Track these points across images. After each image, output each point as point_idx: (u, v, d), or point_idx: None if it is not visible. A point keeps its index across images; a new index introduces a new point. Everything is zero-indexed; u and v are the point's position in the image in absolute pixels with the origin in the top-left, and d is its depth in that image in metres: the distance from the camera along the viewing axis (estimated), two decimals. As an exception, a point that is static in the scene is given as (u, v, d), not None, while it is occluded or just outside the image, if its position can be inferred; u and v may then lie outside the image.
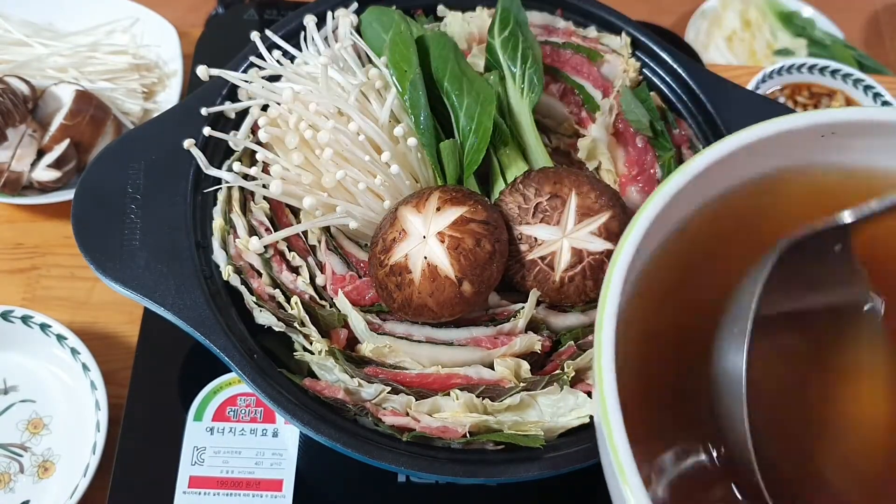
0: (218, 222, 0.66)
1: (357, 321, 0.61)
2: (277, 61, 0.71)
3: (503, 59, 0.71)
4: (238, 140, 0.68)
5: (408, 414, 0.58)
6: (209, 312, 0.61)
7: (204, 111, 0.69)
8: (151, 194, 0.65)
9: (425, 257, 0.58)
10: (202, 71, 0.66)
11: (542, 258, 0.61)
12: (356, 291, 0.64)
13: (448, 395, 0.58)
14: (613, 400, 0.39)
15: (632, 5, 0.95)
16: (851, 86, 1.11)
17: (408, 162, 0.67)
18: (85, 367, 0.75)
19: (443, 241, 0.58)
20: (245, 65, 0.72)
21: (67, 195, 0.86)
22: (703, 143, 0.74)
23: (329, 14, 0.76)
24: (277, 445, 0.73)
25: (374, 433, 0.58)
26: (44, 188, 0.87)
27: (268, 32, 0.73)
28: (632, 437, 0.38)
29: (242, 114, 0.71)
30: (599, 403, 0.40)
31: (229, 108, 0.70)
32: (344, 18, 0.75)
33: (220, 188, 0.68)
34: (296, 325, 0.62)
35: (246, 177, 0.67)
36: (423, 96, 0.66)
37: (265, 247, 0.65)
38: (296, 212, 0.68)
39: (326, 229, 0.67)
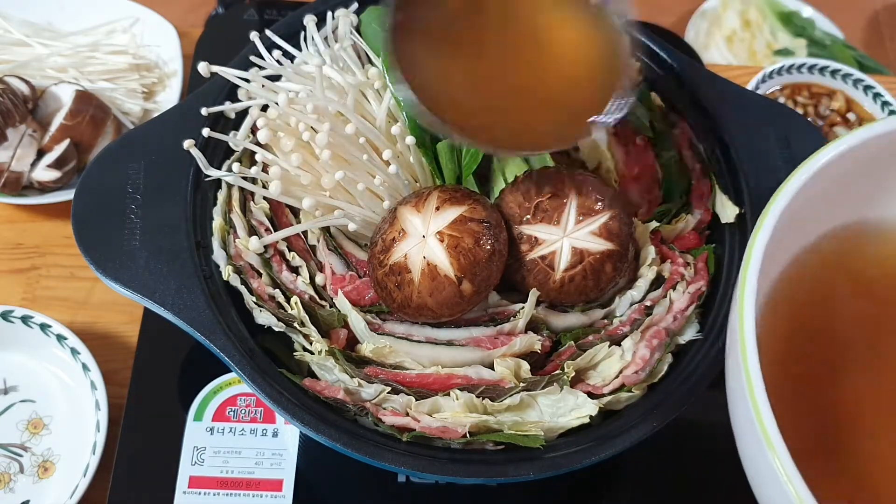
0: (218, 222, 0.66)
1: (357, 321, 0.61)
2: (277, 61, 0.71)
3: None
4: (237, 141, 0.68)
5: (408, 414, 0.58)
6: (209, 312, 0.60)
7: (204, 111, 0.69)
8: (151, 194, 0.65)
9: (424, 257, 0.58)
10: (203, 67, 0.66)
11: (543, 258, 0.61)
12: (356, 291, 0.64)
13: (448, 395, 0.58)
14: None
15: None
16: (851, 86, 1.11)
17: (406, 162, 0.67)
18: (85, 367, 0.75)
19: (442, 241, 0.58)
20: (245, 65, 0.72)
21: (67, 195, 0.86)
22: (703, 143, 0.74)
23: (329, 14, 0.76)
24: (277, 445, 0.73)
25: (374, 433, 0.58)
26: (44, 188, 0.87)
27: (268, 32, 0.73)
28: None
29: (242, 113, 0.71)
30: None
31: (229, 109, 0.70)
32: (344, 18, 0.75)
33: (220, 188, 0.68)
34: (296, 325, 0.62)
35: (246, 177, 0.67)
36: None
37: (265, 247, 0.65)
38: (296, 212, 0.68)
39: (326, 229, 0.67)
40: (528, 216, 0.62)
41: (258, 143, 0.67)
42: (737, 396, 0.42)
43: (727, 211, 0.68)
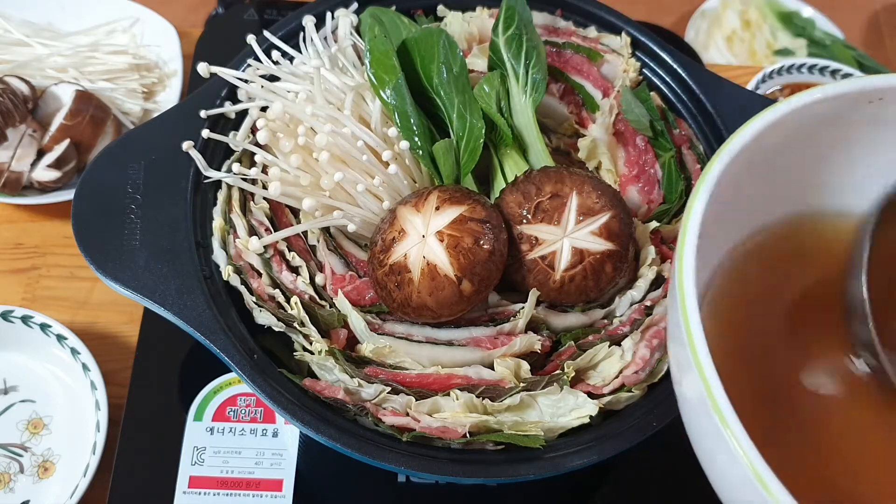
0: (218, 222, 0.66)
1: (357, 321, 0.61)
2: (276, 62, 0.71)
3: (507, 58, 0.70)
4: (237, 142, 0.68)
5: (408, 414, 0.58)
6: (209, 312, 0.60)
7: (203, 113, 0.69)
8: (151, 194, 0.65)
9: (424, 256, 0.58)
10: (203, 68, 0.66)
11: (543, 258, 0.61)
12: (356, 291, 0.64)
13: (448, 395, 0.58)
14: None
15: (632, 5, 0.95)
16: (851, 86, 1.11)
17: (404, 163, 0.67)
18: (85, 367, 0.75)
19: (442, 241, 0.58)
20: (244, 66, 0.72)
21: (67, 195, 0.86)
22: (703, 143, 0.74)
23: (328, 14, 0.76)
24: (277, 445, 0.73)
25: (374, 433, 0.58)
26: (44, 188, 0.87)
27: (266, 33, 0.73)
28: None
29: (242, 113, 0.71)
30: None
31: (229, 110, 0.70)
32: (343, 18, 0.75)
33: (220, 188, 0.68)
34: (296, 325, 0.62)
35: (246, 178, 0.67)
36: (408, 101, 0.66)
37: (265, 247, 0.65)
38: (296, 212, 0.68)
39: (326, 229, 0.67)
40: (529, 216, 0.62)
41: (258, 144, 0.67)
42: (684, 367, 0.42)
43: (727, 211, 0.68)
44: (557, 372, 0.60)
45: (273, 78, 0.70)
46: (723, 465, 0.39)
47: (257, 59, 0.71)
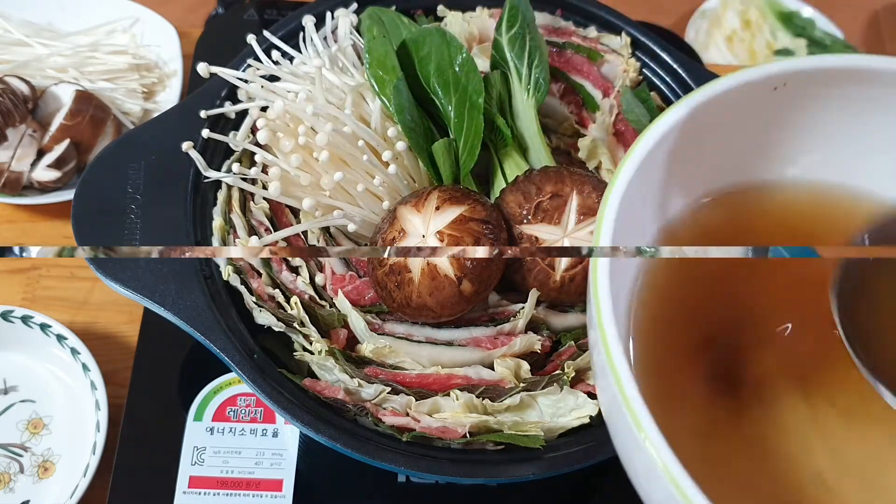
0: (218, 222, 0.66)
1: (357, 321, 0.61)
2: (276, 62, 0.71)
3: (510, 58, 0.70)
4: (237, 142, 0.68)
5: (408, 414, 0.58)
6: (209, 312, 0.61)
7: (203, 113, 0.69)
8: (151, 194, 0.65)
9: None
10: (202, 68, 0.66)
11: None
12: (356, 291, 0.64)
13: (448, 395, 0.58)
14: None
15: (632, 5, 0.95)
16: (851, 86, 1.11)
17: (405, 163, 0.67)
18: (85, 367, 0.75)
19: (442, 240, 0.58)
20: (244, 66, 0.72)
21: (67, 195, 0.86)
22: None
23: (328, 14, 0.76)
24: (277, 445, 0.73)
25: (374, 433, 0.58)
26: (44, 188, 0.87)
27: (266, 33, 0.73)
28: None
29: (242, 113, 0.71)
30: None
31: (229, 110, 0.70)
32: (343, 18, 0.75)
33: (220, 188, 0.68)
34: (295, 325, 0.62)
35: (245, 178, 0.67)
36: (408, 101, 0.65)
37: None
38: (296, 212, 0.68)
39: (326, 229, 0.67)
40: (529, 216, 0.62)
41: (258, 144, 0.67)
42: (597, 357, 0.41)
43: (727, 211, 0.68)
44: (557, 372, 0.60)
45: (273, 78, 0.70)
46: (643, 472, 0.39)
47: (257, 59, 0.71)
